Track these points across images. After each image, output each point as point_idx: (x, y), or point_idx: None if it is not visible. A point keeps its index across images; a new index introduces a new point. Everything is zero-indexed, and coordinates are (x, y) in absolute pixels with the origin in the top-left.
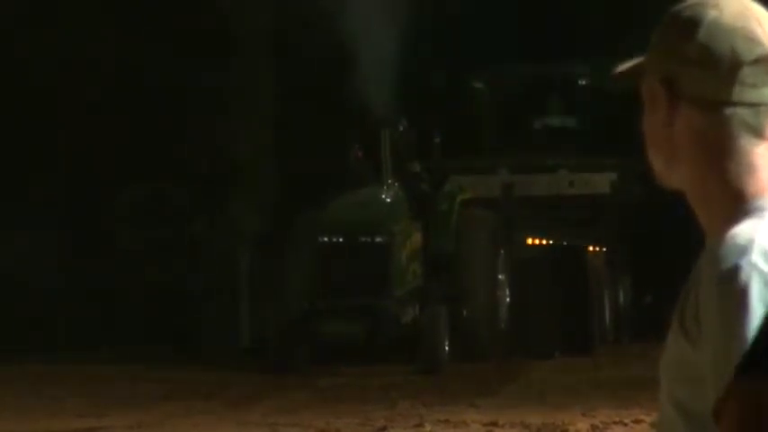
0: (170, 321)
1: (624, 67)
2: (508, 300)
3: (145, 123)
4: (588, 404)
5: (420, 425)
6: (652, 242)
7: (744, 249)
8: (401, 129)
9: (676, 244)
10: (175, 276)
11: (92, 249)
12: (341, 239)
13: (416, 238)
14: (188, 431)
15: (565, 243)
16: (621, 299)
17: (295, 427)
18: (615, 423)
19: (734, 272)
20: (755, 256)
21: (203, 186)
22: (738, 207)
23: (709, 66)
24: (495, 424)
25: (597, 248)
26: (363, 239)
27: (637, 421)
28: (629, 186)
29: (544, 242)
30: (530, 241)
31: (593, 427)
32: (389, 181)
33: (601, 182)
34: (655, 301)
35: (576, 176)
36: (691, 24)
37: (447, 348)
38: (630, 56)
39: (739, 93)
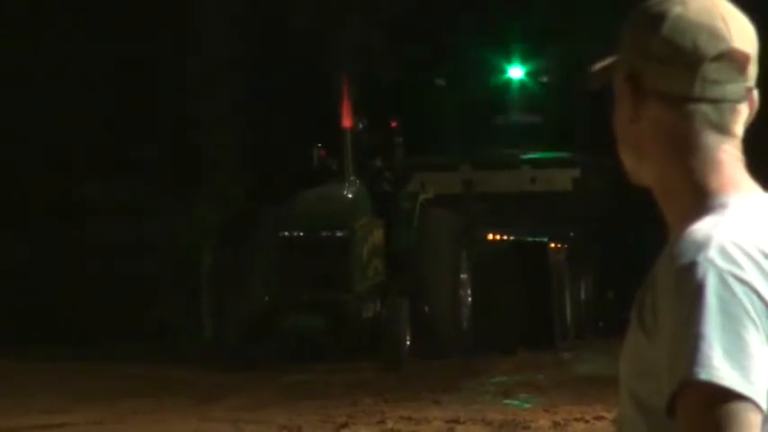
0: (136, 317)
1: (599, 65)
2: (470, 299)
3: (111, 120)
4: (550, 401)
5: (382, 421)
6: (614, 239)
7: (701, 245)
8: (361, 127)
9: (639, 240)
10: (142, 273)
11: (59, 245)
12: (302, 234)
13: (378, 235)
14: (152, 427)
15: (526, 240)
16: (584, 295)
17: (258, 423)
18: (576, 420)
19: (691, 267)
20: (713, 253)
21: (170, 183)
22: (701, 203)
23: (672, 61)
24: (456, 421)
25: (559, 245)
26: (324, 234)
27: (598, 418)
28: (590, 183)
29: (506, 238)
30: (491, 237)
31: (555, 423)
32: (352, 178)
33: (563, 179)
34: (618, 298)
35: (538, 173)
36: (656, 20)
37: (408, 344)
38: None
39: (701, 88)
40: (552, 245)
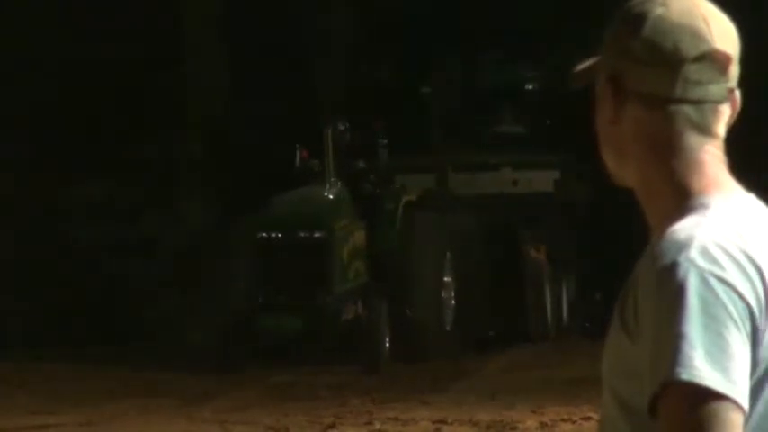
0: (121, 319)
1: (582, 66)
2: (453, 302)
3: (97, 121)
4: (537, 401)
5: (369, 422)
6: (597, 240)
7: (683, 246)
8: (342, 128)
9: (623, 241)
10: (127, 274)
11: (43, 247)
12: (280, 235)
13: (360, 237)
14: (139, 429)
15: (506, 241)
16: (565, 297)
17: (245, 424)
18: (564, 420)
19: (672, 268)
20: (694, 253)
21: (154, 185)
22: (683, 204)
23: (652, 62)
24: (444, 421)
25: (540, 246)
26: (302, 234)
27: (585, 418)
28: (572, 185)
29: (485, 239)
30: (471, 238)
31: (542, 424)
32: (333, 179)
33: (544, 180)
34: (605, 299)
35: (519, 175)
36: (637, 21)
37: (387, 347)
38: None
39: (683, 89)
40: (532, 246)
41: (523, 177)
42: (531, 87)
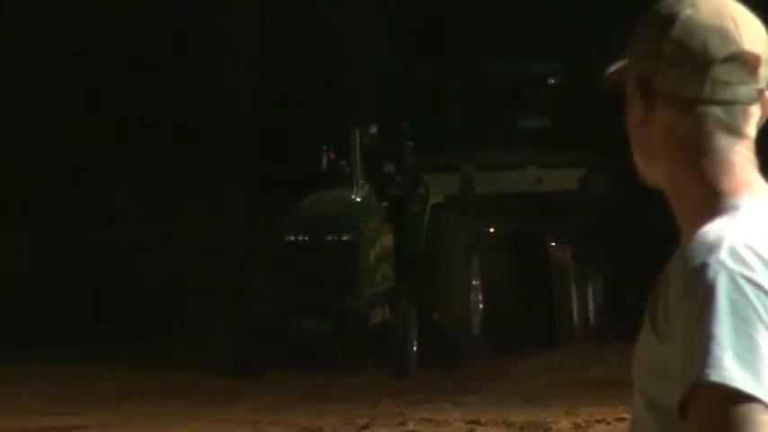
0: (148, 320)
1: (613, 68)
2: (481, 306)
3: (127, 122)
4: (571, 402)
5: (403, 423)
6: (624, 239)
7: (713, 247)
8: (373, 132)
9: (648, 241)
10: (152, 275)
11: (62, 247)
12: (307, 237)
13: (387, 240)
14: (174, 429)
15: (531, 239)
16: (591, 297)
17: (277, 425)
18: (598, 421)
19: (702, 269)
20: (724, 254)
21: (185, 185)
22: (713, 205)
23: (682, 63)
24: (477, 422)
25: (565, 246)
26: (330, 237)
27: (619, 419)
28: (597, 183)
29: (509, 238)
30: (492, 237)
31: (576, 425)
32: (360, 182)
33: (569, 179)
34: (633, 300)
35: (543, 173)
36: (666, 22)
37: (415, 350)
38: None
39: (712, 90)
40: (556, 245)
41: (548, 175)
42: (554, 81)
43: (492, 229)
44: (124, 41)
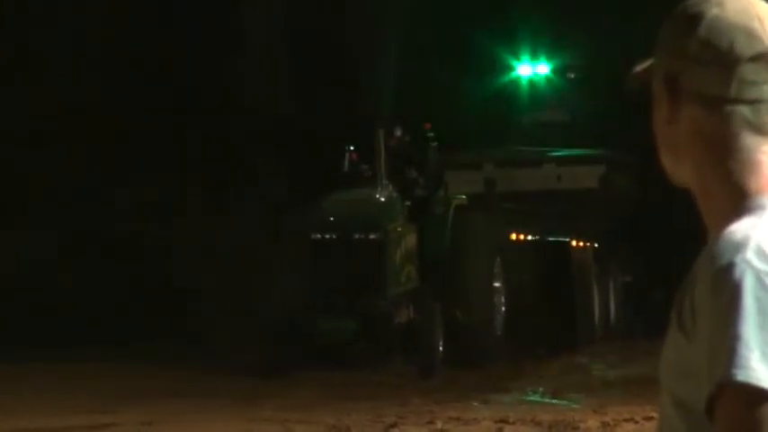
0: (179, 319)
1: (640, 67)
2: (504, 308)
3: (153, 122)
4: (599, 401)
5: (431, 422)
6: (650, 238)
7: (739, 246)
8: (397, 134)
9: (676, 240)
10: (182, 274)
11: (99, 247)
12: (334, 236)
13: (411, 240)
14: (201, 428)
15: (550, 239)
16: (612, 297)
17: (306, 423)
18: (626, 420)
19: (728, 268)
20: (750, 254)
21: (208, 184)
22: (739, 204)
23: (708, 62)
24: (505, 421)
25: (586, 245)
26: (357, 236)
27: (647, 418)
28: (617, 180)
29: (530, 238)
30: (515, 237)
31: (604, 424)
32: (384, 182)
33: (589, 176)
34: (666, 299)
35: (563, 171)
36: (692, 21)
37: (441, 350)
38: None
39: (738, 90)
40: (576, 243)
41: (567, 173)
42: (573, 76)
43: (514, 233)
44: (147, 43)
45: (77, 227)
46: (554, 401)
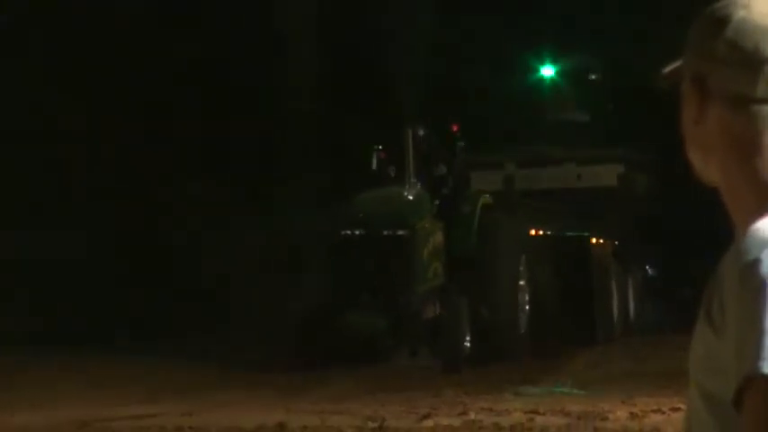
0: (208, 316)
1: (669, 68)
2: (528, 307)
3: (188, 122)
4: (627, 392)
5: (464, 412)
6: (669, 237)
7: (766, 243)
8: (423, 133)
9: (696, 239)
10: (212, 272)
11: (143, 245)
12: (363, 233)
13: (439, 238)
14: (239, 418)
15: (570, 236)
16: (632, 295)
17: (342, 414)
18: (654, 411)
19: (755, 264)
20: None
21: (244, 183)
22: (766, 202)
23: (735, 63)
24: (536, 412)
25: (605, 243)
26: (386, 233)
27: (674, 409)
28: (636, 178)
29: (550, 235)
30: (534, 233)
31: (633, 414)
32: (413, 180)
33: (608, 175)
34: (696, 294)
35: (583, 169)
36: (719, 23)
37: (468, 346)
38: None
39: (765, 90)
40: (596, 241)
41: (587, 172)
42: (594, 77)
43: (535, 231)
44: (188, 44)
45: (118, 226)
46: (582, 393)
